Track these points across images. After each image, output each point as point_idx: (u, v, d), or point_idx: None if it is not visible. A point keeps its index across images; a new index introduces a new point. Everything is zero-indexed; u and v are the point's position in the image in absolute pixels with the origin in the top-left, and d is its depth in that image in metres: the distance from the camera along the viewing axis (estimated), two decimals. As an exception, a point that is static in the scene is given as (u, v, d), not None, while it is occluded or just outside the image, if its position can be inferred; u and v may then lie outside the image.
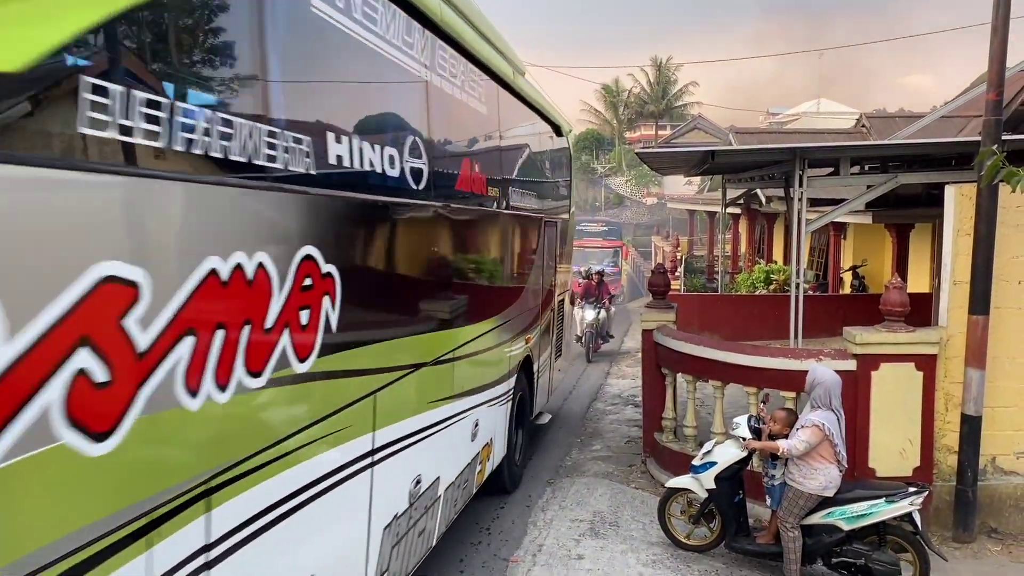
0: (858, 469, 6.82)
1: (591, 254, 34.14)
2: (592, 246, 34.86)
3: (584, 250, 33.77)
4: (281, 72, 3.21)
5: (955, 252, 7.04)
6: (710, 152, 10.76)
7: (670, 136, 42.99)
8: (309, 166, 3.30)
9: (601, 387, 13.77)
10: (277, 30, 3.17)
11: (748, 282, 17.90)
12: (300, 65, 3.40)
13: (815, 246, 21.78)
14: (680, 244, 32.84)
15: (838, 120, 34.24)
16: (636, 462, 9.25)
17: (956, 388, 7.05)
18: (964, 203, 6.98)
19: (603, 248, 35.28)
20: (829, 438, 5.82)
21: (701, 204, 31.65)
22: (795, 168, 9.49)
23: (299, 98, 3.38)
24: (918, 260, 16.57)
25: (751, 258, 23.11)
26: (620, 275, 34.04)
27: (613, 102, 70.93)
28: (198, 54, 2.71)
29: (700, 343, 8.20)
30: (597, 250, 34.90)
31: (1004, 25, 6.70)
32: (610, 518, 7.44)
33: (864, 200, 9.83)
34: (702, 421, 8.64)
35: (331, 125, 3.56)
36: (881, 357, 6.96)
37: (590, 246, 34.64)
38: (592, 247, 34.73)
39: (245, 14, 2.95)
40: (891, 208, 14.05)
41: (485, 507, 7.75)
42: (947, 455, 7.12)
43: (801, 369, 6.73)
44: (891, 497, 5.85)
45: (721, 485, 6.45)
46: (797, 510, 5.95)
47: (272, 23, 3.12)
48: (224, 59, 2.81)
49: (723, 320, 14.97)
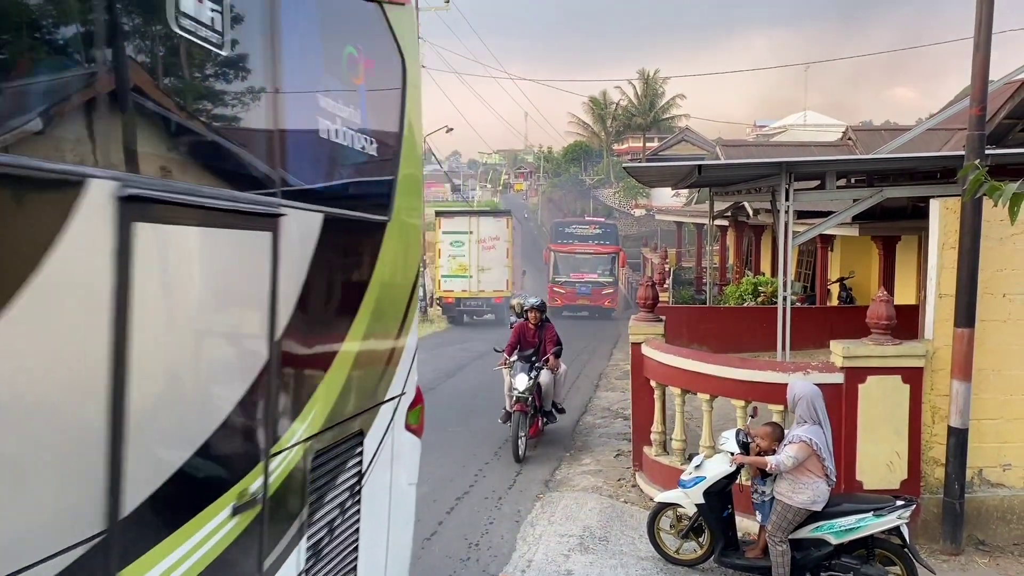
0: (846, 482, 6.84)
1: (582, 261, 30.32)
2: (583, 252, 30.64)
3: (574, 256, 30.23)
4: None
5: (940, 265, 7.09)
6: (697, 166, 10.82)
7: (658, 148, 43.19)
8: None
9: (591, 400, 13.77)
10: None
11: (736, 294, 17.96)
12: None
13: (802, 258, 21.89)
14: (668, 256, 32.58)
15: (824, 133, 34.52)
16: (626, 476, 9.24)
17: (943, 401, 7.09)
18: (949, 217, 7.04)
19: (596, 254, 30.85)
20: (817, 453, 5.84)
21: (689, 216, 30.88)
22: (782, 182, 9.55)
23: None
24: (905, 272, 16.67)
25: (739, 270, 23.20)
26: (616, 284, 30.91)
27: (601, 114, 71.25)
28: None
29: (688, 356, 8.21)
30: (589, 257, 30.57)
31: (986, 43, 6.78)
32: (600, 533, 7.43)
33: (850, 214, 9.91)
34: (691, 434, 8.65)
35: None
36: (868, 370, 6.99)
37: (581, 252, 30.59)
38: (583, 253, 30.59)
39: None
40: (877, 220, 14.15)
41: (473, 522, 7.73)
42: (934, 468, 7.15)
43: (787, 382, 6.74)
44: (879, 511, 5.86)
45: (710, 499, 6.46)
46: (786, 524, 5.95)
47: None
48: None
49: (712, 332, 15.00)
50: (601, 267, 30.78)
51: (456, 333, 24.22)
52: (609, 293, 30.38)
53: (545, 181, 78.96)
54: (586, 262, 30.71)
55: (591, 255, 30.79)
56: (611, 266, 30.87)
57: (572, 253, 30.88)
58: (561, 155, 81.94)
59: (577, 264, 30.64)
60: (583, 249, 30.96)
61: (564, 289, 30.07)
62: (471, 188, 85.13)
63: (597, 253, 30.93)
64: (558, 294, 30.02)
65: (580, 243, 31.23)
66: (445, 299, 25.84)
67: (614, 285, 30.87)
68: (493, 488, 8.80)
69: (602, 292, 30.18)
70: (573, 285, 30.15)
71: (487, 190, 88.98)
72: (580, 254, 30.83)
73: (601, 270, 30.70)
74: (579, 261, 30.74)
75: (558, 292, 30.06)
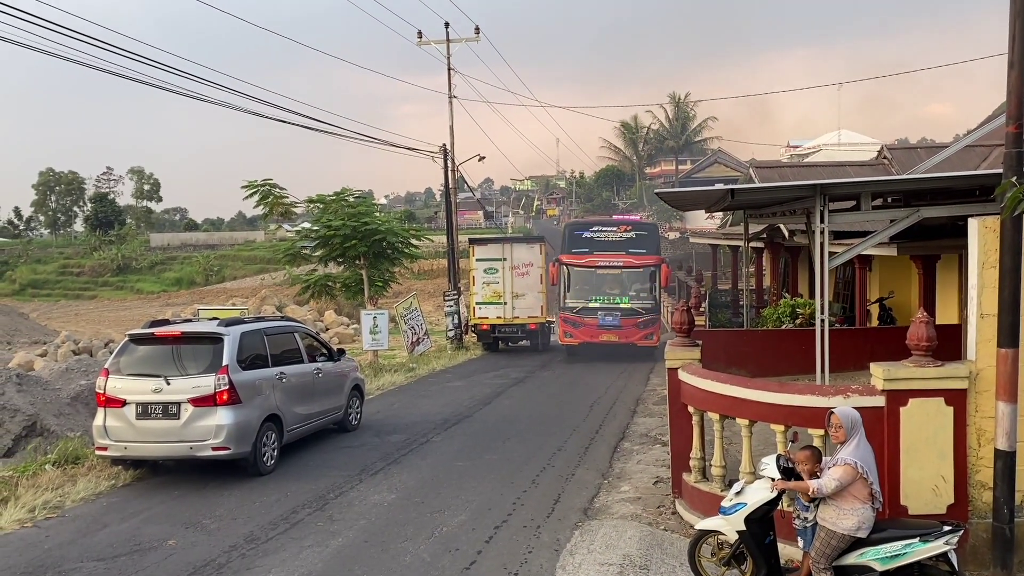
0: (890, 508, 6.72)
1: (606, 280, 22.74)
2: (607, 265, 22.64)
3: (595, 273, 22.70)
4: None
5: (981, 285, 6.99)
6: (730, 190, 10.80)
7: (690, 171, 43.14)
8: None
9: (628, 426, 13.70)
10: None
11: (774, 317, 17.80)
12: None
13: (840, 279, 21.64)
14: (704, 279, 32.17)
15: (859, 152, 34.19)
16: (665, 503, 9.17)
17: (988, 423, 6.95)
18: (988, 235, 6.95)
19: (628, 268, 22.56)
20: (863, 476, 5.77)
21: (724, 238, 30.50)
22: (816, 204, 9.49)
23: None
24: (946, 291, 16.41)
25: (776, 292, 22.98)
26: (656, 311, 22.70)
27: (632, 139, 71.39)
28: None
29: (725, 380, 8.16)
30: (618, 272, 22.66)
31: (1021, 60, 6.72)
32: (640, 561, 7.37)
33: (887, 235, 9.80)
34: (731, 460, 8.57)
35: None
36: (909, 392, 6.89)
37: (605, 265, 22.64)
38: (607, 267, 22.66)
39: None
40: (916, 239, 13.96)
41: (513, 551, 7.72)
42: (982, 491, 7.00)
43: (828, 406, 6.67)
44: (926, 536, 5.75)
45: (751, 526, 6.38)
46: (830, 551, 5.87)
47: None
48: None
49: (749, 356, 14.86)
50: (636, 286, 22.55)
51: (492, 360, 24.26)
52: (646, 323, 22.17)
53: (577, 206, 79.04)
54: (613, 280, 22.72)
55: (620, 269, 22.51)
56: (650, 284, 22.44)
57: (592, 268, 22.66)
58: (593, 180, 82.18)
59: (599, 284, 22.71)
60: (608, 261, 22.49)
61: (580, 320, 22.40)
62: (504, 215, 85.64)
63: (629, 267, 22.45)
64: (572, 327, 22.55)
65: (604, 253, 22.63)
66: (480, 326, 25.89)
67: (654, 312, 22.40)
68: (531, 516, 8.79)
69: (636, 323, 22.06)
70: (594, 314, 22.26)
71: (520, 216, 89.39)
72: (604, 268, 22.55)
73: (636, 291, 22.49)
74: (602, 279, 22.67)
75: (571, 325, 22.56)
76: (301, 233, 25.05)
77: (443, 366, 22.47)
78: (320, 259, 23.23)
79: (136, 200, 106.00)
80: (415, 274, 42.79)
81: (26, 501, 9.28)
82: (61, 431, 12.94)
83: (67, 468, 10.69)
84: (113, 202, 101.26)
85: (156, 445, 10.20)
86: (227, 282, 74.01)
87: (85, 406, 14.23)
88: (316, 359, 12.61)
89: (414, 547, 7.87)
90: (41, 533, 8.54)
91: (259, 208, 23.20)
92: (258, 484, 10.19)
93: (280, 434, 11.09)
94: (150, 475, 10.72)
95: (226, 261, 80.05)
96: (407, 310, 24.95)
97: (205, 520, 8.83)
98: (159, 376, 10.20)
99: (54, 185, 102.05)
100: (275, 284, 63.40)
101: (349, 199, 22.68)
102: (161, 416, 10.11)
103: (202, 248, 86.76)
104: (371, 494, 9.69)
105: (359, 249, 21.63)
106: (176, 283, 77.05)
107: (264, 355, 11.15)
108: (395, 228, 23.16)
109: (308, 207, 23.98)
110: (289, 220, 28.55)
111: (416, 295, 28.55)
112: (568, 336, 22.80)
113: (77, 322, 54.52)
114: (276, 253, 29.34)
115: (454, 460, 11.34)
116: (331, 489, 9.89)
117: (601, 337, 22.14)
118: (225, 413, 10.08)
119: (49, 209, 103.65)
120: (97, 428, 10.35)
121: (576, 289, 22.77)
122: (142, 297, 71.61)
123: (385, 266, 23.19)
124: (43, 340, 37.51)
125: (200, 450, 10.07)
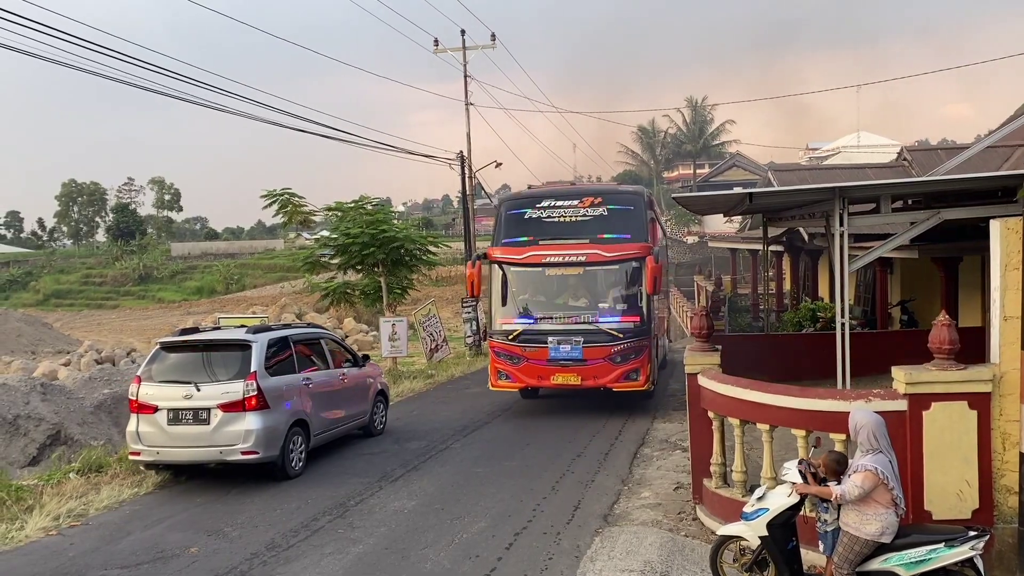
0: (914, 513, 6.65)
1: (559, 284, 14.62)
2: (562, 262, 14.16)
3: (542, 273, 14.48)
4: None
5: (1004, 287, 6.91)
6: (748, 194, 10.75)
7: (708, 174, 43.02)
8: None
9: (648, 431, 13.64)
10: None
11: (794, 320, 17.69)
12: None
13: (861, 282, 21.47)
14: (724, 284, 31.89)
15: (879, 154, 33.94)
16: (686, 509, 9.12)
17: (1013, 426, 6.86)
18: (1010, 237, 6.88)
19: (592, 265, 14.16)
20: (884, 482, 5.72)
21: (743, 242, 30.12)
22: (835, 207, 9.44)
23: None
24: (969, 293, 16.22)
25: (796, 296, 22.85)
26: (646, 330, 14.08)
27: (650, 143, 71.26)
28: None
29: (746, 385, 8.11)
30: (580, 271, 14.33)
31: (1041, 58, 6.65)
32: (661, 568, 7.33)
33: (907, 237, 9.73)
34: (752, 465, 8.51)
35: None
36: (932, 396, 6.82)
37: (556, 262, 14.18)
38: (561, 264, 14.20)
39: None
40: (937, 241, 13.83)
41: (533, 558, 7.70)
42: (1007, 496, 6.91)
43: (849, 410, 6.62)
44: (951, 542, 5.70)
45: (774, 532, 6.35)
46: (853, 556, 5.82)
47: None
48: None
49: (769, 360, 14.76)
50: (609, 293, 14.40)
51: (510, 366, 24.19)
52: (625, 354, 13.83)
53: (595, 211, 78.70)
54: (573, 285, 14.65)
55: (582, 267, 14.22)
56: (629, 288, 14.15)
57: (537, 266, 14.45)
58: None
59: (549, 291, 14.77)
60: (562, 254, 14.14)
61: (518, 353, 14.27)
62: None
63: (596, 262, 14.06)
64: (508, 363, 14.42)
65: (556, 241, 14.30)
66: None
67: (639, 333, 13.93)
68: (551, 523, 8.77)
69: (609, 355, 13.78)
70: (541, 341, 14.09)
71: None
72: (556, 266, 14.29)
73: (610, 301, 14.27)
74: (553, 284, 14.69)
75: (507, 360, 14.43)
76: (320, 241, 25.16)
77: (461, 372, 22.48)
78: (339, 267, 23.34)
79: (157, 210, 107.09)
80: (433, 281, 42.87)
81: (51, 509, 9.40)
82: (84, 440, 13.09)
83: (91, 476, 10.83)
84: (134, 212, 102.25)
85: (187, 450, 10.35)
86: (247, 290, 74.42)
87: (108, 415, 14.39)
88: (342, 365, 12.80)
89: (434, 554, 7.88)
90: (65, 541, 8.64)
91: (278, 217, 23.41)
92: (279, 491, 10.25)
93: (307, 438, 11.27)
94: (173, 483, 10.81)
95: (246, 270, 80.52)
96: (425, 317, 24.99)
97: (227, 528, 8.89)
98: (189, 383, 10.38)
99: (76, 196, 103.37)
100: (295, 292, 63.65)
101: (367, 207, 22.79)
102: (192, 422, 10.26)
103: (222, 257, 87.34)
104: (391, 501, 9.72)
105: (377, 256, 21.71)
106: (197, 292, 77.56)
107: (291, 361, 11.34)
108: (413, 235, 23.25)
109: (327, 215, 24.13)
110: (308, 228, 28.68)
111: (434, 302, 28.58)
112: (502, 377, 14.60)
113: (100, 331, 55.02)
114: (295, 261, 29.45)
115: (473, 466, 11.35)
116: (352, 496, 9.93)
117: (554, 378, 14.14)
118: (253, 418, 10.24)
119: (72, 220, 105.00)
120: (130, 434, 10.54)
121: (513, 302, 14.70)
122: (163, 306, 72.16)
123: (403, 273, 23.27)
124: (66, 349, 37.84)
125: (229, 454, 10.23)
